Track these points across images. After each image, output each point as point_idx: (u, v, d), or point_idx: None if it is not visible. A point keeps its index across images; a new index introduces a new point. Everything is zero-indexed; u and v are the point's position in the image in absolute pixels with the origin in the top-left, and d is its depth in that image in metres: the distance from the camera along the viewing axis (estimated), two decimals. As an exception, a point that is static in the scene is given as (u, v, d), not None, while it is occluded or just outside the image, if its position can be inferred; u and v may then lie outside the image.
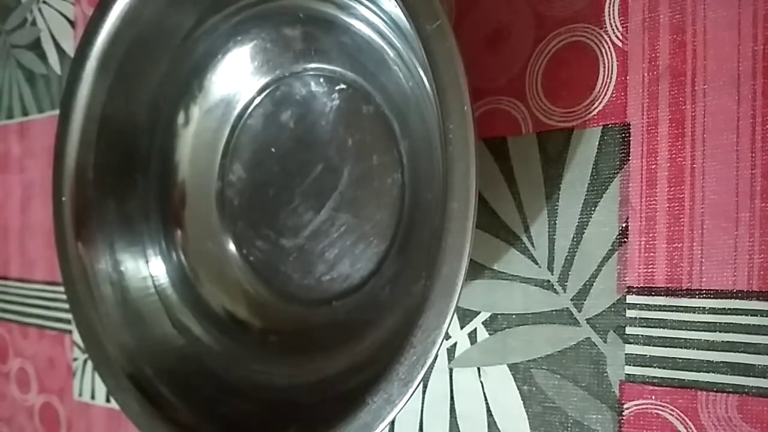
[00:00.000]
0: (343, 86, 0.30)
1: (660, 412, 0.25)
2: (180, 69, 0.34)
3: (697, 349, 0.24)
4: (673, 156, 0.25)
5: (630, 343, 0.25)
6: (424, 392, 0.30)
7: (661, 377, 0.25)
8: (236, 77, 0.33)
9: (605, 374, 0.26)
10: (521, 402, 0.28)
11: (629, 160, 0.25)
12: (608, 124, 0.26)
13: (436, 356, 0.22)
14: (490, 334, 0.29)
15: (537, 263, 0.28)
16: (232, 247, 0.34)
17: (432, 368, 0.30)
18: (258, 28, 0.32)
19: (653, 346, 0.25)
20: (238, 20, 0.32)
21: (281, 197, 0.31)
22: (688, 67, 0.24)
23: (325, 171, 0.31)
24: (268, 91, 0.33)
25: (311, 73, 0.31)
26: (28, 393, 0.50)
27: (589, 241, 0.26)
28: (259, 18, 0.32)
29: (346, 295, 0.30)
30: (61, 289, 0.35)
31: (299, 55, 0.32)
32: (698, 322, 0.24)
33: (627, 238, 0.26)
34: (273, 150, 0.33)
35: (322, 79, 0.31)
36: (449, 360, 0.30)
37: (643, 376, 0.25)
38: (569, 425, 0.27)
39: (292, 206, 0.32)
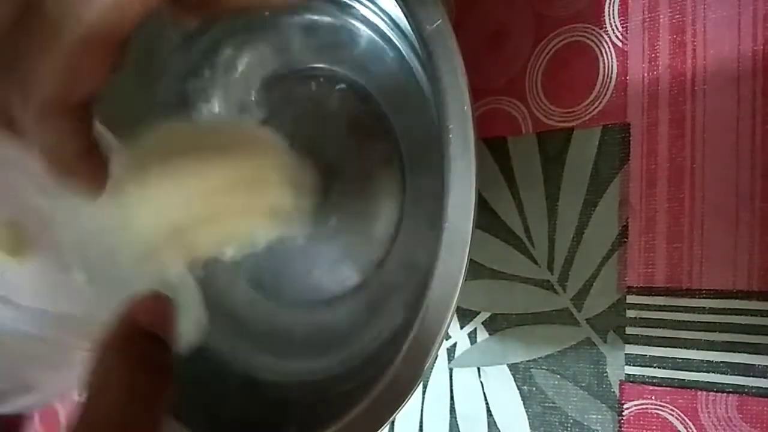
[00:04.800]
0: (342, 86, 0.30)
1: (660, 412, 0.25)
2: (180, 68, 0.34)
3: (697, 349, 0.24)
4: (673, 156, 0.25)
5: (630, 343, 0.25)
6: (424, 392, 0.30)
7: (661, 377, 0.25)
8: (236, 76, 0.33)
9: (605, 374, 0.26)
10: (521, 402, 0.28)
11: (629, 160, 0.25)
12: (608, 124, 0.26)
13: (436, 356, 0.22)
14: (490, 334, 0.29)
15: (537, 263, 0.28)
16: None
17: (432, 368, 0.30)
18: (258, 27, 0.32)
19: (653, 346, 0.25)
20: (239, 18, 0.32)
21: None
22: (688, 67, 0.24)
23: (325, 170, 0.31)
24: (267, 89, 0.33)
25: (311, 72, 0.31)
26: (28, 393, 0.50)
27: (589, 241, 0.26)
28: (259, 17, 0.32)
29: (346, 295, 0.30)
30: (61, 289, 0.35)
31: (299, 55, 0.32)
32: (698, 322, 0.24)
33: (627, 238, 0.26)
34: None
35: (322, 79, 0.31)
36: (449, 360, 0.30)
37: (643, 376, 0.25)
38: (569, 425, 0.27)
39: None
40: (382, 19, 0.28)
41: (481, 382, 0.29)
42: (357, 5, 0.29)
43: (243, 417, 0.31)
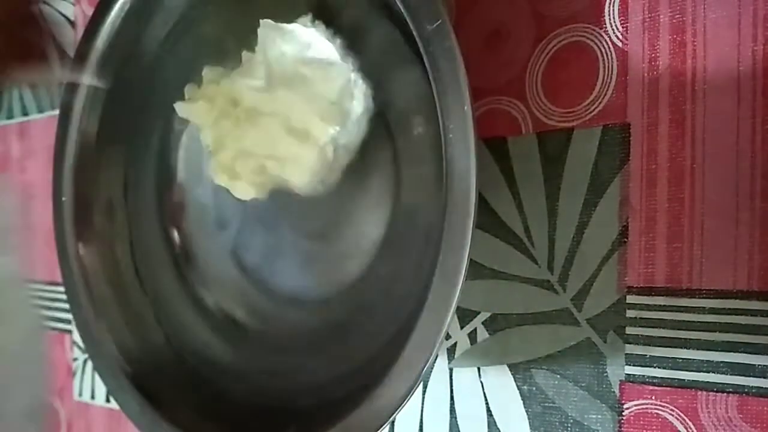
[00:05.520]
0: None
1: (660, 412, 0.25)
2: (179, 67, 0.34)
3: (697, 349, 0.24)
4: (673, 156, 0.25)
5: (630, 343, 0.25)
6: (424, 392, 0.30)
7: (661, 377, 0.25)
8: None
9: (605, 374, 0.26)
10: (521, 402, 0.28)
11: (629, 160, 0.25)
12: (608, 124, 0.26)
13: (436, 356, 0.22)
14: (490, 334, 0.29)
15: (537, 263, 0.28)
16: (229, 247, 0.34)
17: (432, 368, 0.30)
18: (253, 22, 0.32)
19: (653, 346, 0.25)
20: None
21: (278, 197, 0.31)
22: (688, 67, 0.24)
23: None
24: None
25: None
26: (28, 393, 0.50)
27: (589, 241, 0.26)
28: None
29: (345, 295, 0.30)
30: (61, 289, 0.35)
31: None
32: (698, 322, 0.24)
33: (627, 238, 0.26)
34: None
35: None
36: (449, 360, 0.30)
37: (643, 376, 0.25)
38: (569, 425, 0.27)
39: (290, 206, 0.31)
40: (381, 18, 0.28)
41: (481, 382, 0.29)
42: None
43: (243, 417, 0.31)
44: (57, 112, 0.34)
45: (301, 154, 0.28)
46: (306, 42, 0.28)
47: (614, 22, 0.26)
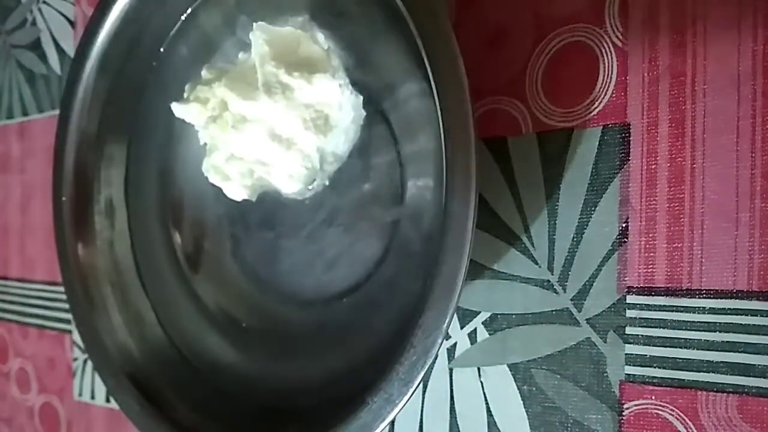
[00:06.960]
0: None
1: (660, 412, 0.25)
2: (179, 66, 0.34)
3: (697, 349, 0.24)
4: (673, 156, 0.25)
5: (630, 343, 0.25)
6: (424, 392, 0.30)
7: (661, 377, 0.25)
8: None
9: (605, 374, 0.26)
10: (521, 402, 0.28)
11: (629, 160, 0.26)
12: (608, 124, 0.26)
13: (436, 356, 0.22)
14: (490, 334, 0.29)
15: (537, 263, 0.28)
16: (229, 247, 0.34)
17: (432, 368, 0.30)
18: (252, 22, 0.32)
19: (653, 346, 0.25)
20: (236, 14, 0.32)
21: (279, 197, 0.31)
22: (688, 67, 0.24)
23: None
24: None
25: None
26: (28, 393, 0.50)
27: (589, 241, 0.26)
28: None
29: (345, 295, 0.30)
30: (61, 289, 0.35)
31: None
32: (698, 322, 0.24)
33: (627, 238, 0.26)
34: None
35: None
36: (449, 360, 0.30)
37: (643, 376, 0.25)
38: (569, 425, 0.27)
39: (290, 206, 0.31)
40: (381, 17, 0.28)
41: (481, 382, 0.29)
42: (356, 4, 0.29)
43: (243, 417, 0.31)
44: (57, 112, 0.34)
45: (286, 161, 0.28)
46: (297, 47, 0.28)
47: (614, 22, 0.26)
